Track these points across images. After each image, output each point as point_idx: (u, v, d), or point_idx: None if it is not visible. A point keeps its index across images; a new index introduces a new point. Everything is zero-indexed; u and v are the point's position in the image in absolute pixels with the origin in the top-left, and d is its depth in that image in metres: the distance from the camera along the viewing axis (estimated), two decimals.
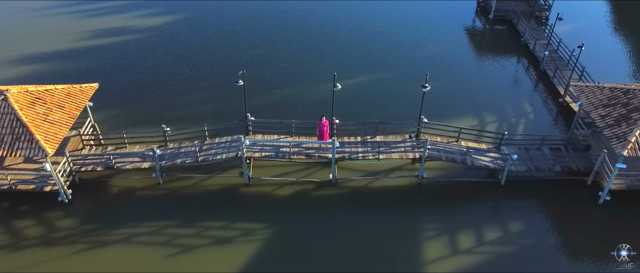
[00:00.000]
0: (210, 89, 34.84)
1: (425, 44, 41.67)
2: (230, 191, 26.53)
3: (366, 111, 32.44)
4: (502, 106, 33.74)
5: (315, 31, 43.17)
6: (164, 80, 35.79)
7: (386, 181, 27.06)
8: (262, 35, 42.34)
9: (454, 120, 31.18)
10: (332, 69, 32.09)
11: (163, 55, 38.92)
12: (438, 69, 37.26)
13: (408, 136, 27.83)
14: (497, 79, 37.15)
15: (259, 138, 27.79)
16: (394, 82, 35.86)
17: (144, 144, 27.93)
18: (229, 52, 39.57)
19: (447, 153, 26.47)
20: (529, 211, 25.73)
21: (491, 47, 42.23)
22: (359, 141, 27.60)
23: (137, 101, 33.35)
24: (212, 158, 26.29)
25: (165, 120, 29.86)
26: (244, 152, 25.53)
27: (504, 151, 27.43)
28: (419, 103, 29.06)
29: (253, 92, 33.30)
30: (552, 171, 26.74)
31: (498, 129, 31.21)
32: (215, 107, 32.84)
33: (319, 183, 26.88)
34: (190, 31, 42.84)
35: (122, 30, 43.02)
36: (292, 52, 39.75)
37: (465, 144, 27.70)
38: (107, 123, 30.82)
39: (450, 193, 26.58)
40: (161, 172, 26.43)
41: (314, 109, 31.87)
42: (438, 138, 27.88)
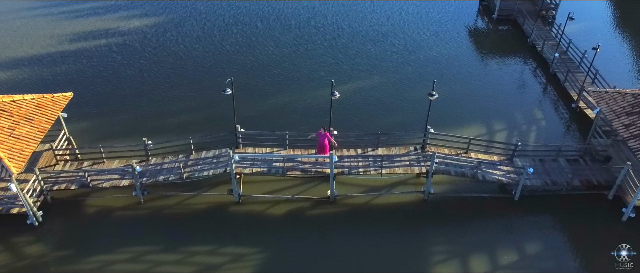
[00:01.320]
0: (197, 97, 32.30)
1: (426, 46, 39.37)
2: (219, 210, 24.15)
3: (367, 120, 30.07)
4: (510, 112, 31.51)
5: (312, 34, 40.63)
6: (147, 88, 33.21)
7: (389, 197, 24.77)
8: (256, 38, 39.71)
9: (459, 128, 29.02)
10: (330, 75, 29.88)
11: (147, 61, 36.35)
12: (441, 72, 34.99)
13: (413, 149, 25.53)
14: (503, 83, 34.93)
15: (249, 151, 25.42)
16: (395, 88, 33.51)
17: (123, 159, 25.51)
18: (219, 58, 36.96)
19: (456, 167, 24.19)
20: (546, 229, 23.53)
21: (496, 48, 40.00)
22: (359, 154, 25.27)
23: (118, 112, 30.74)
24: (198, 174, 23.90)
25: (147, 132, 27.47)
26: (232, 168, 23.15)
27: (517, 163, 25.20)
28: (423, 110, 26.87)
29: (245, 101, 30.95)
30: (570, 186, 24.50)
31: (508, 138, 29.08)
32: (203, 117, 30.32)
33: (316, 201, 24.55)
34: (177, 35, 40.21)
35: (104, 33, 40.26)
36: (288, 57, 37.16)
37: (475, 156, 25.44)
38: (85, 135, 28.31)
39: (460, 210, 24.32)
40: (142, 190, 24.02)
41: (310, 119, 29.46)
42: (445, 149, 25.60)
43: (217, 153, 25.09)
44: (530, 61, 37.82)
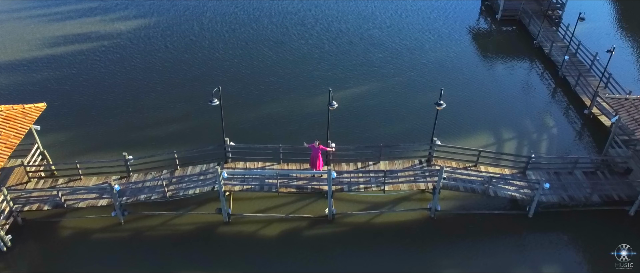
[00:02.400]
0: (185, 108, 29.88)
1: (426, 49, 37.31)
2: (207, 231, 22.10)
3: (367, 131, 28.00)
4: (518, 119, 29.57)
5: (308, 38, 38.35)
6: (131, 98, 30.80)
7: (392, 215, 22.76)
8: (249, 43, 37.33)
9: (463, 137, 27.20)
10: (327, 81, 27.92)
11: (132, 68, 33.95)
12: (443, 77, 33.10)
13: (418, 162, 23.52)
14: (510, 87, 32.97)
15: (240, 166, 23.34)
16: (396, 95, 31.41)
17: (102, 175, 23.40)
18: (209, 64, 34.57)
19: (465, 183, 22.21)
20: (563, 249, 21.64)
21: (500, 50, 38.03)
22: (359, 168, 23.24)
23: (98, 123, 28.40)
24: (183, 193, 21.84)
25: (129, 146, 25.46)
26: (221, 186, 21.10)
27: (531, 177, 23.24)
28: (427, 118, 25.17)
29: (236, 112, 29.00)
30: (589, 201, 22.57)
31: (517, 148, 27.19)
32: (190, 130, 28.06)
33: (313, 219, 22.53)
34: (165, 39, 37.79)
35: (86, 38, 37.85)
36: (282, 63, 34.82)
37: (485, 169, 23.46)
38: (62, 149, 26.17)
39: (469, 229, 22.34)
40: (122, 210, 21.93)
41: (306, 131, 27.34)
42: (452, 162, 23.61)
43: (205, 168, 23.04)
44: (537, 63, 35.91)
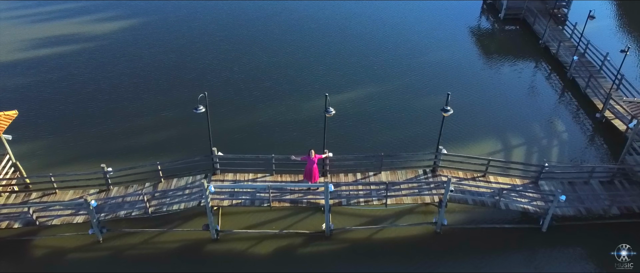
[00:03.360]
0: (171, 116, 27.74)
1: (426, 51, 35.41)
2: (193, 249, 20.28)
3: (367, 138, 26.19)
4: (526, 124, 27.87)
5: (304, 41, 36.29)
6: (114, 105, 28.64)
7: (395, 230, 20.99)
8: (241, 47, 35.28)
9: (468, 144, 25.61)
10: (324, 86, 26.15)
11: (115, 72, 31.80)
12: (444, 80, 31.43)
13: (422, 172, 21.74)
14: (515, 90, 31.25)
15: (229, 178, 21.49)
16: (396, 99, 29.52)
17: (79, 189, 21.52)
18: (199, 69, 32.54)
19: (474, 195, 20.46)
20: (580, 266, 19.95)
21: (504, 51, 36.32)
22: (359, 180, 21.44)
23: (77, 133, 26.35)
24: (166, 208, 19.99)
25: (110, 157, 23.65)
26: (208, 200, 19.27)
27: (543, 187, 21.54)
28: (429, 124, 23.41)
29: (227, 120, 27.16)
30: (607, 214, 20.87)
31: (527, 155, 25.53)
32: (177, 139, 26.03)
33: (309, 236, 20.74)
34: (151, 42, 35.60)
35: (67, 40, 35.63)
36: (277, 67, 32.76)
37: (494, 179, 21.72)
38: (37, 160, 24.29)
39: (478, 244, 20.61)
40: (100, 227, 20.07)
41: (300, 139, 25.58)
42: (459, 172, 21.85)
43: (191, 181, 21.21)
44: (543, 64, 34.24)
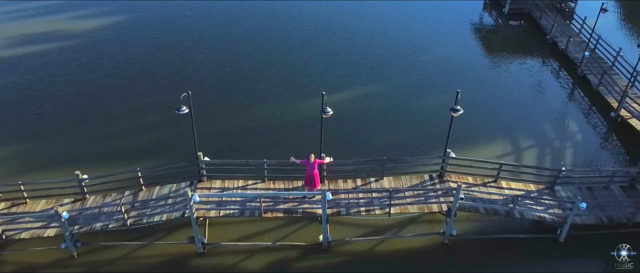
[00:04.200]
0: (158, 119, 25.68)
1: (428, 48, 33.57)
2: (177, 264, 18.41)
3: (367, 141, 24.35)
4: (535, 124, 26.11)
5: (300, 38, 34.32)
6: (96, 108, 26.52)
7: (399, 242, 19.16)
8: (233, 46, 33.24)
9: (474, 146, 23.79)
10: (321, 86, 24.31)
11: (98, 73, 29.67)
12: (447, 78, 29.71)
13: (428, 178, 19.91)
14: (523, 89, 29.47)
15: (216, 185, 19.60)
16: (399, 100, 27.54)
17: (52, 198, 19.58)
18: (190, 69, 30.39)
19: (486, 203, 18.64)
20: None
21: (510, 47, 34.53)
22: (359, 187, 19.58)
23: (55, 138, 24.33)
24: (147, 220, 18.10)
25: (88, 163, 21.81)
26: (192, 211, 17.40)
27: (560, 193, 19.76)
28: (434, 125, 21.65)
29: (217, 122, 25.34)
30: (631, 222, 19.10)
31: (538, 158, 23.84)
32: (162, 143, 24.04)
33: (305, 248, 18.89)
34: (137, 41, 33.48)
35: (46, 38, 33.55)
36: (271, 66, 30.79)
37: (507, 185, 19.92)
38: (8, 167, 22.38)
39: (489, 257, 18.78)
40: (74, 241, 18.18)
41: (295, 142, 23.78)
42: (469, 178, 20.03)
43: (175, 189, 19.34)
44: (551, 61, 32.52)
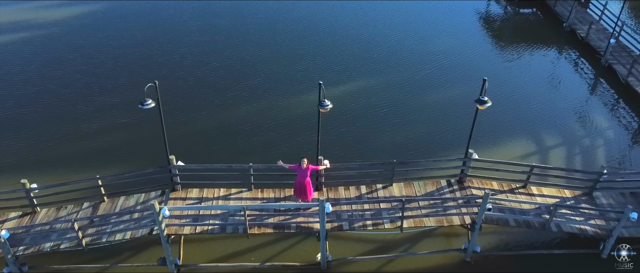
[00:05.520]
0: (130, 121, 22.16)
1: (434, 38, 30.38)
2: None
3: (371, 140, 21.18)
4: (559, 120, 23.12)
5: (297, 31, 30.70)
6: (60, 109, 22.99)
7: (411, 261, 16.06)
8: (220, 39, 29.57)
9: (494, 147, 20.71)
10: (318, 81, 20.97)
11: (62, 70, 25.98)
12: (457, 70, 26.57)
13: (446, 184, 16.80)
14: (541, 80, 26.34)
15: (193, 195, 16.39)
16: (406, 94, 24.29)
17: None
18: (171, 64, 26.66)
19: (516, 214, 15.57)
20: None
21: (522, 37, 31.39)
22: (364, 196, 16.43)
23: (6, 143, 20.88)
24: (107, 238, 14.89)
25: (43, 171, 18.51)
26: (162, 228, 14.23)
27: (599, 200, 16.74)
28: (449, 122, 18.63)
29: (200, 124, 22.06)
30: None
31: (567, 157, 20.97)
32: (132, 147, 20.68)
33: (300, 269, 15.79)
34: (111, 33, 29.64)
35: (7, 29, 29.82)
36: (262, 61, 27.28)
37: (537, 191, 16.87)
38: None
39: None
40: (19, 265, 14.98)
41: (290, 145, 20.64)
42: (493, 183, 16.96)
43: (143, 200, 16.15)
44: (569, 50, 29.52)
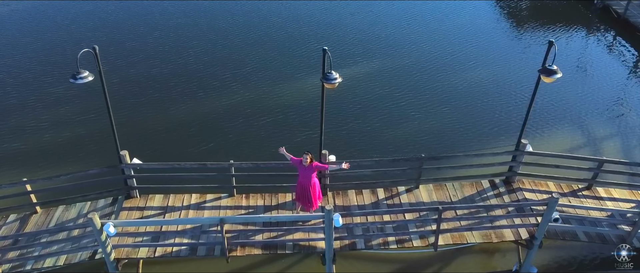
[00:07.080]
0: (91, 118, 17.83)
1: (454, 16, 26.66)
2: None
3: (387, 132, 17.18)
4: (603, 106, 19.34)
5: (297, 11, 27.06)
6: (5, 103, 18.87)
7: None
8: (205, 22, 25.69)
9: (536, 140, 16.82)
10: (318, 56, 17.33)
11: (9, 57, 21.86)
12: (480, 51, 22.80)
13: (489, 185, 12.87)
14: (574, 63, 22.55)
15: (155, 204, 12.35)
16: (427, 77, 20.55)
17: None
18: (146, 51, 22.53)
19: (587, 225, 11.70)
20: None
21: (547, 16, 27.58)
22: (382, 202, 12.47)
23: None
24: (32, 266, 10.88)
25: None
26: (107, 251, 10.26)
27: None
28: (479, 112, 14.90)
29: (178, 118, 18.06)
30: None
31: (623, 150, 17.03)
32: (93, 147, 16.51)
33: None
34: (72, 15, 25.43)
35: None
36: (256, 45, 23.38)
37: (606, 193, 13.00)
38: None
39: None
40: None
41: (281, 135, 16.74)
42: (550, 183, 13.05)
43: (87, 209, 12.14)
44: (602, 29, 25.82)
